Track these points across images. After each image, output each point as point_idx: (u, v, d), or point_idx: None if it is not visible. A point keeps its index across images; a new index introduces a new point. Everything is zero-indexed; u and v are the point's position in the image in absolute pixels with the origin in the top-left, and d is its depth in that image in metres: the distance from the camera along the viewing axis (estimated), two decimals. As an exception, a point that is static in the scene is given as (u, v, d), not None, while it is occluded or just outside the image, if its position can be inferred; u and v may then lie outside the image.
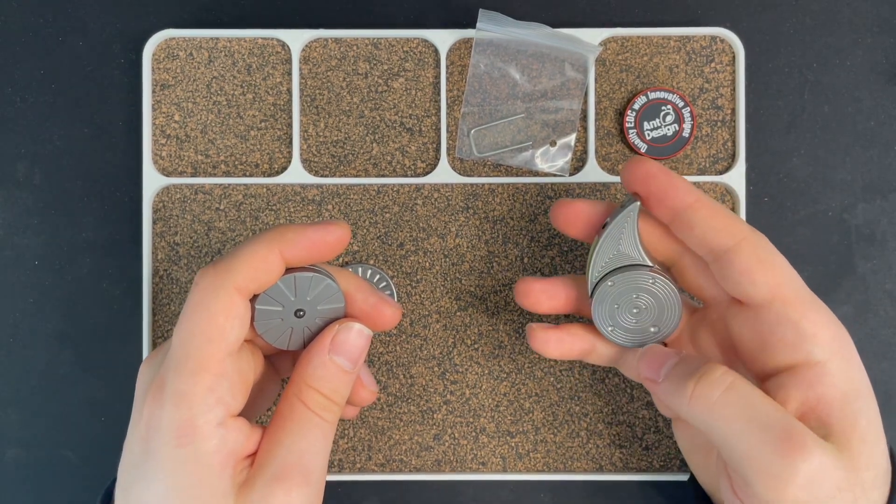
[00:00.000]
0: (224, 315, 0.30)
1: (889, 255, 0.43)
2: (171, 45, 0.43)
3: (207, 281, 0.30)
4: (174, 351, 0.30)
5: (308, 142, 0.43)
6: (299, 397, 0.32)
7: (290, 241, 0.32)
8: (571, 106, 0.42)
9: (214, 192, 0.43)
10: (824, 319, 0.32)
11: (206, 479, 0.29)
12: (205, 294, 0.30)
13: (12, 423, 0.43)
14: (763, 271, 0.32)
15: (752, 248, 0.32)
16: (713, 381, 0.31)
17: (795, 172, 0.43)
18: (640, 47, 0.43)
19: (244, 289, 0.31)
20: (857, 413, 0.31)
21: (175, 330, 0.31)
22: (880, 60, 0.44)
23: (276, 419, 0.32)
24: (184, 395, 0.29)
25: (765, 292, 0.32)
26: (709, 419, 0.30)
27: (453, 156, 0.43)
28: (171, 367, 0.30)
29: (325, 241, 0.32)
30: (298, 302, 0.33)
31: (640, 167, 0.33)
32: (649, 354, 0.34)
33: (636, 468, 0.42)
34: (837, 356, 0.31)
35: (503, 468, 0.42)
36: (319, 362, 0.32)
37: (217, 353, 0.30)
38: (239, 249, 0.31)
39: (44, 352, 0.43)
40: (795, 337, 0.31)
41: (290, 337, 0.34)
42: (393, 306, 0.35)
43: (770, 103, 0.43)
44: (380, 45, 0.43)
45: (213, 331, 0.30)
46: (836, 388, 0.31)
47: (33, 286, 0.44)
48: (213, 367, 0.30)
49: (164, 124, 0.43)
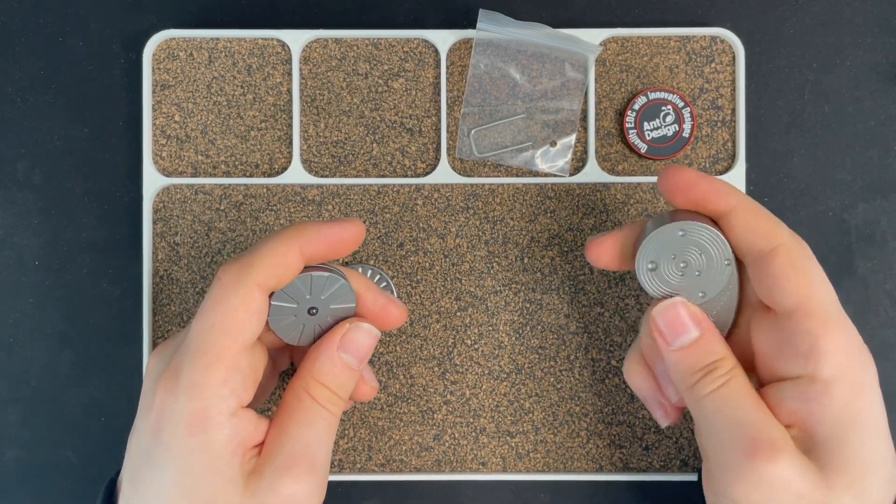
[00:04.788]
0: (243, 310, 0.31)
1: (889, 255, 0.43)
2: (171, 46, 0.43)
3: (229, 276, 0.31)
4: (191, 342, 0.31)
5: (308, 142, 0.43)
6: (307, 390, 0.33)
7: (309, 238, 0.33)
8: (571, 106, 0.42)
9: (215, 192, 0.43)
10: (845, 342, 0.31)
11: (217, 467, 0.30)
12: (226, 289, 0.31)
13: (12, 423, 0.43)
14: (795, 280, 0.31)
15: (788, 255, 0.32)
16: (712, 379, 0.32)
17: (795, 172, 0.43)
18: (640, 47, 0.43)
19: (264, 285, 0.32)
20: (848, 439, 0.30)
21: (193, 322, 0.31)
22: (880, 60, 0.44)
23: (282, 410, 0.33)
24: (198, 385, 0.30)
25: (792, 301, 0.31)
26: (695, 410, 0.32)
27: (453, 156, 0.43)
28: (187, 358, 0.31)
29: (342, 238, 0.33)
30: (313, 300, 0.34)
31: (679, 176, 0.33)
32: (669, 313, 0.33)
33: (636, 468, 0.42)
34: (846, 381, 0.31)
35: (503, 468, 0.42)
36: (328, 358, 0.33)
37: (233, 346, 0.31)
38: (260, 246, 0.32)
39: (44, 352, 0.43)
40: (809, 350, 0.31)
41: (301, 333, 0.35)
42: (399, 307, 0.36)
43: (770, 103, 0.44)
44: (380, 46, 0.43)
45: (231, 325, 0.31)
46: (832, 411, 0.31)
47: (33, 286, 0.44)
48: (228, 359, 0.31)
49: (165, 124, 0.43)
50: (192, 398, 0.30)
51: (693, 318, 0.33)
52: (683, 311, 0.33)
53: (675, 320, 0.33)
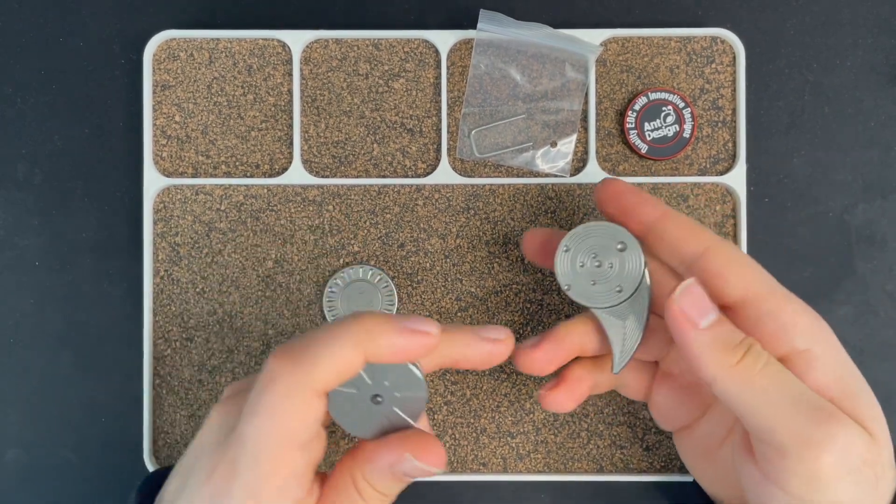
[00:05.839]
0: (300, 419, 0.29)
1: (889, 255, 0.43)
2: (171, 46, 0.43)
3: (285, 381, 0.29)
4: (246, 440, 0.29)
5: (309, 142, 0.43)
6: (356, 483, 0.32)
7: (378, 347, 0.30)
8: (572, 106, 0.42)
9: (215, 192, 0.43)
10: (800, 308, 0.33)
11: None
12: (281, 397, 0.29)
13: (12, 424, 0.43)
14: (734, 272, 0.33)
15: (720, 252, 0.33)
16: (757, 355, 0.31)
17: (796, 173, 0.43)
18: (640, 48, 0.43)
19: (322, 390, 0.30)
20: (858, 393, 0.32)
21: (247, 420, 0.29)
22: (880, 61, 0.44)
23: (328, 493, 0.32)
24: (255, 493, 0.29)
25: (739, 291, 0.33)
26: (747, 389, 0.31)
27: (454, 156, 0.43)
28: (243, 458, 0.29)
29: (415, 353, 0.30)
30: (375, 387, 0.31)
31: (610, 187, 0.36)
32: (691, 294, 0.32)
33: (637, 469, 0.42)
34: (821, 342, 0.32)
35: (504, 469, 0.42)
36: (382, 466, 0.31)
37: (290, 453, 0.29)
38: (322, 345, 0.29)
39: (44, 352, 0.43)
40: (776, 327, 0.32)
41: (366, 424, 0.32)
42: (501, 343, 0.33)
43: (770, 104, 0.44)
44: (380, 46, 0.43)
45: (287, 435, 0.29)
46: (830, 372, 0.32)
47: (33, 286, 0.43)
48: (285, 467, 0.29)
49: (165, 125, 0.43)
50: (247, 501, 0.29)
51: (708, 297, 0.33)
52: (701, 289, 0.33)
53: (700, 298, 0.32)
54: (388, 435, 0.32)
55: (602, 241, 0.35)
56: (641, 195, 0.35)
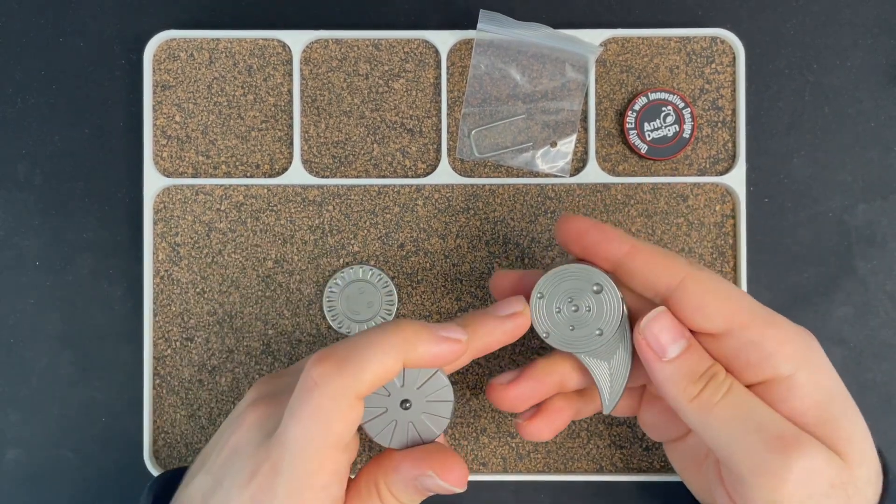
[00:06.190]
0: (345, 422, 0.30)
1: (889, 256, 0.43)
2: (171, 46, 0.43)
3: (331, 386, 0.29)
4: (292, 444, 0.30)
5: (309, 142, 0.43)
6: (378, 490, 0.32)
7: (417, 354, 0.31)
8: (572, 107, 0.42)
9: (215, 192, 0.43)
10: (785, 335, 0.32)
11: None
12: (328, 400, 0.30)
13: (12, 423, 0.43)
14: (715, 303, 0.32)
15: (697, 283, 0.32)
16: (717, 386, 0.32)
17: (796, 173, 0.43)
18: (640, 48, 0.43)
19: (364, 394, 0.30)
20: (837, 416, 0.31)
21: (291, 422, 0.30)
22: (880, 61, 0.44)
23: (352, 496, 0.32)
24: (300, 491, 0.30)
25: (721, 322, 0.32)
26: (706, 420, 0.31)
27: (454, 157, 0.43)
28: (288, 458, 0.30)
29: (445, 358, 0.31)
30: (406, 391, 0.32)
31: (570, 225, 0.34)
32: (659, 322, 0.33)
33: (636, 469, 0.42)
34: (804, 368, 0.32)
35: (504, 469, 0.42)
36: (405, 479, 0.32)
37: (333, 454, 0.30)
38: (365, 353, 0.30)
39: (44, 352, 0.43)
40: (759, 357, 0.32)
41: (393, 433, 0.33)
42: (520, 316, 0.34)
43: (770, 104, 0.44)
44: (380, 46, 0.43)
45: (331, 437, 0.30)
46: (808, 398, 0.31)
47: (33, 286, 0.44)
48: (328, 468, 0.30)
49: (165, 125, 0.43)
50: (291, 499, 0.30)
51: (678, 325, 0.33)
52: (670, 317, 0.33)
53: (669, 327, 0.33)
54: (414, 448, 0.33)
55: (576, 284, 0.34)
56: (605, 231, 0.34)
